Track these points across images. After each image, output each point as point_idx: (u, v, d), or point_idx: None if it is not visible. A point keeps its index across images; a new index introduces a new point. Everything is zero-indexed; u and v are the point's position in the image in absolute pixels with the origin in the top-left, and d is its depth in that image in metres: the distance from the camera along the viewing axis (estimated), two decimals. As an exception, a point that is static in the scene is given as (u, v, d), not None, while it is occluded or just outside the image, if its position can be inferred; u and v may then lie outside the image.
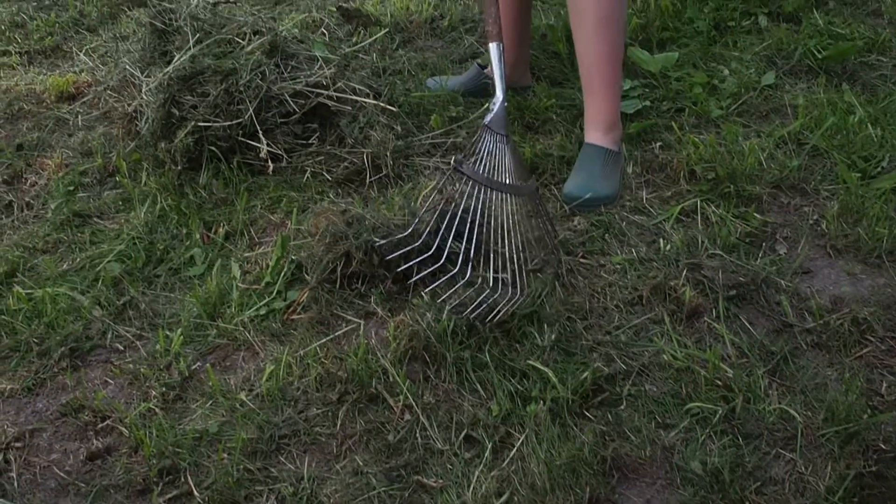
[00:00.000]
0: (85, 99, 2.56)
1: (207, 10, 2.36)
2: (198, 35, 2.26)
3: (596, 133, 2.13)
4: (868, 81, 2.47)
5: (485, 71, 2.52)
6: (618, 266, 1.82)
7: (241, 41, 2.25)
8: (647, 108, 2.37)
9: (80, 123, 2.48)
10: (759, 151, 2.11)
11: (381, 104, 2.25)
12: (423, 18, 2.86)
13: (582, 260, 1.85)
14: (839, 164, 2.08)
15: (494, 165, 1.79)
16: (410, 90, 2.48)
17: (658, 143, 2.21)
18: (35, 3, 3.02)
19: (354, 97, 2.22)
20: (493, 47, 1.96)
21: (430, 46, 2.76)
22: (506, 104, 1.88)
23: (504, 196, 1.76)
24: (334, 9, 2.93)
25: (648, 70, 2.51)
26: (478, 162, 1.77)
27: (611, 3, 2.07)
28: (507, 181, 1.78)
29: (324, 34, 2.73)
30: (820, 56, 2.57)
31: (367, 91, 2.27)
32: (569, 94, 2.41)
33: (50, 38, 2.85)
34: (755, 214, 1.94)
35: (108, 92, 2.45)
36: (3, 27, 2.88)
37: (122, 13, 2.94)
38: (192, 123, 2.13)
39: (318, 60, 2.27)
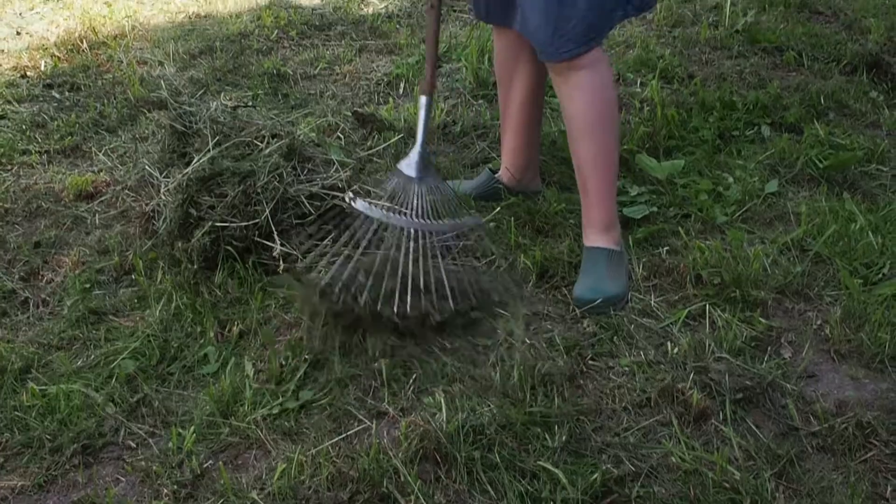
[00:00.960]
0: (103, 198, 2.62)
1: (226, 114, 2.44)
2: (217, 138, 2.32)
3: (595, 235, 2.20)
4: (868, 190, 2.53)
5: (496, 175, 2.58)
6: (626, 368, 1.85)
7: (259, 144, 2.31)
8: (654, 213, 2.42)
9: (97, 222, 2.52)
10: (763, 257, 2.16)
11: (395, 206, 2.29)
12: (435, 124, 2.94)
13: (591, 362, 1.88)
14: (841, 271, 2.12)
15: (399, 204, 1.96)
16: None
17: (665, 248, 2.25)
18: (56, 104, 3.11)
19: (370, 200, 2.27)
20: (422, 99, 2.12)
21: (442, 151, 2.83)
22: (421, 150, 2.06)
23: (405, 230, 1.93)
24: (349, 113, 3.02)
25: (655, 177, 2.57)
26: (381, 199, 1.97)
27: (599, 108, 2.17)
28: (408, 217, 1.94)
29: (339, 138, 2.81)
30: (821, 165, 2.64)
31: (381, 193, 2.32)
32: (578, 200, 2.46)
33: (70, 137, 2.92)
34: (760, 319, 1.97)
35: (126, 192, 2.51)
36: (24, 127, 2.96)
37: (141, 115, 3.02)
38: (210, 224, 2.17)
39: (333, 163, 2.33)
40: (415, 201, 2.00)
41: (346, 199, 1.95)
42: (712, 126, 2.93)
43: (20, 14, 3.70)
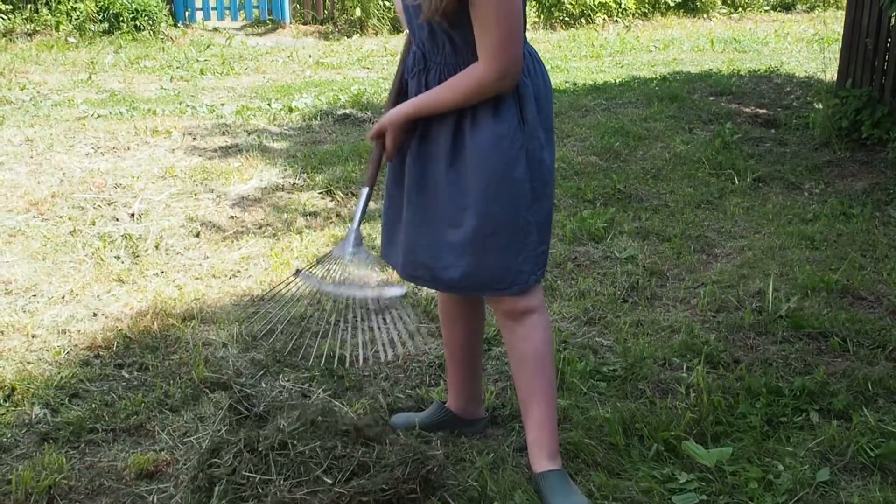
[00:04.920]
0: (163, 479, 2.69)
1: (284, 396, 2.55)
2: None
3: (548, 460, 2.53)
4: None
5: (445, 405, 2.93)
6: None
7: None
8: (703, 502, 2.42)
9: (156, 501, 2.59)
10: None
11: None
12: (485, 406, 3.02)
13: None
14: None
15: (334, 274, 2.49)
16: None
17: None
18: (125, 384, 3.25)
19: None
20: (364, 190, 2.55)
21: (492, 434, 2.89)
22: (356, 229, 2.55)
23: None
24: (402, 395, 3.12)
25: (703, 464, 2.59)
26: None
27: (549, 344, 2.56)
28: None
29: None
30: (873, 454, 2.64)
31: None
32: (625, 487, 2.48)
33: (135, 416, 3.04)
34: None
35: (186, 469, 2.59)
36: (94, 405, 3.09)
37: (204, 395, 3.15)
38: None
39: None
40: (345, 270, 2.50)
41: (293, 272, 2.40)
42: (759, 412, 2.96)
43: (98, 296, 3.94)
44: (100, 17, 10.53)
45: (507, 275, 2.49)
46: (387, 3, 11.68)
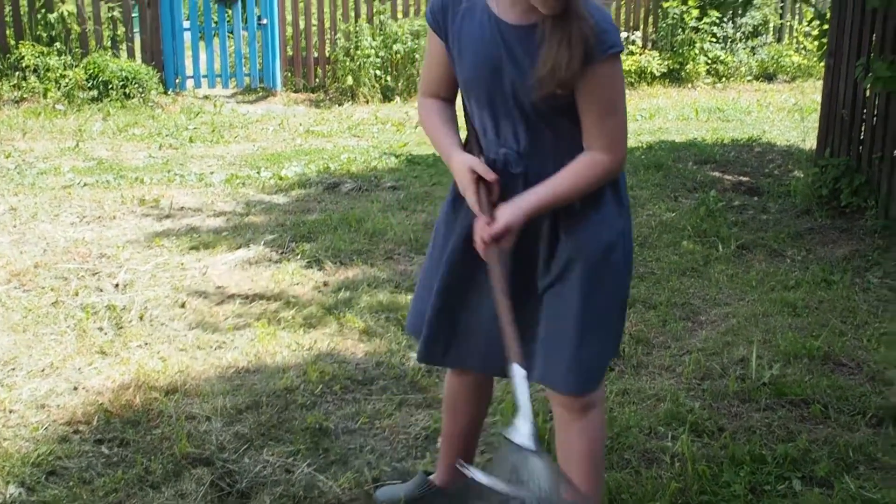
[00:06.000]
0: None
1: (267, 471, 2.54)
2: None
3: None
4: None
5: (429, 478, 2.88)
6: None
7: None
8: (686, 575, 2.42)
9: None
10: None
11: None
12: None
13: None
14: None
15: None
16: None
17: None
18: (104, 460, 3.23)
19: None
20: (515, 368, 2.21)
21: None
22: (532, 421, 2.15)
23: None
24: (388, 468, 3.12)
25: (686, 536, 2.59)
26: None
27: (602, 443, 2.49)
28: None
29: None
30: (856, 523, 2.64)
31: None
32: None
33: (114, 494, 3.01)
34: None
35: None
36: (72, 483, 3.06)
37: (185, 470, 3.13)
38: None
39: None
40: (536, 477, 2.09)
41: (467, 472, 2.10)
42: (743, 480, 2.97)
43: (79, 369, 3.94)
44: (89, 85, 10.63)
45: (603, 367, 2.42)
46: (377, 72, 11.83)
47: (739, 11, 13.37)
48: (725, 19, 13.92)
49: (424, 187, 7.14)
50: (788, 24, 14.87)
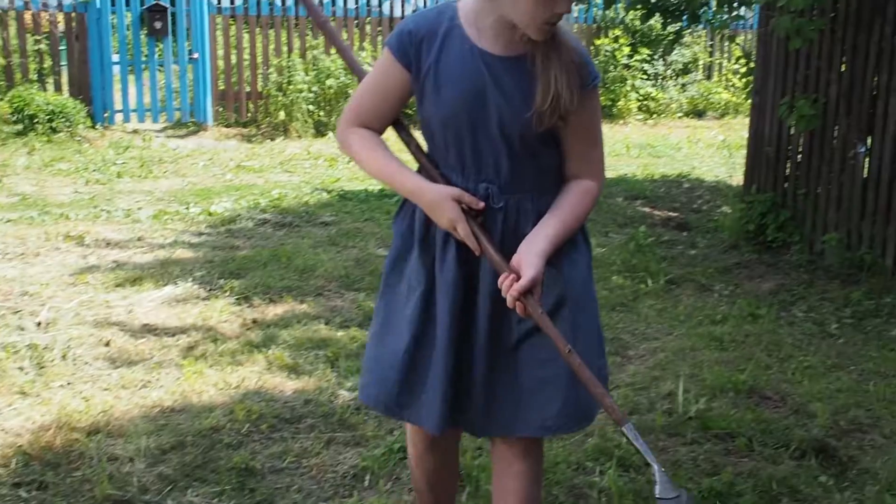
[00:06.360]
0: None
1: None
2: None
3: None
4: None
5: None
6: None
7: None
8: None
9: None
10: None
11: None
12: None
13: None
14: None
15: None
16: None
17: None
18: None
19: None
20: (626, 429, 2.18)
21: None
22: (662, 470, 2.19)
23: None
24: (312, 509, 3.07)
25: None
26: None
27: (540, 484, 2.45)
28: None
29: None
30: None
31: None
32: None
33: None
34: None
35: None
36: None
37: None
38: None
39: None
40: None
41: None
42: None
43: (-1, 410, 3.83)
44: (13, 119, 10.42)
45: (593, 403, 2.32)
46: (310, 107, 11.80)
47: (673, 48, 13.67)
48: (656, 57, 14.22)
49: (356, 223, 7.13)
50: (718, 62, 15.25)
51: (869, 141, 5.82)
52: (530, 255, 2.19)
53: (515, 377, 2.31)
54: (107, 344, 4.58)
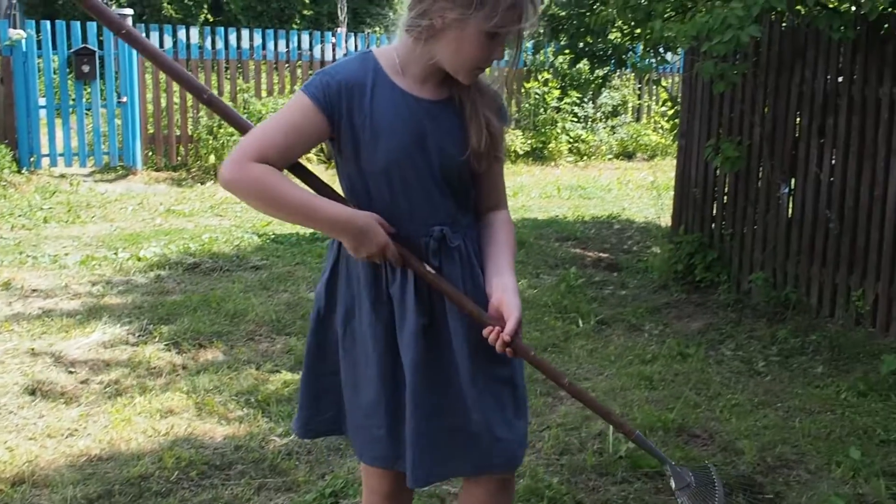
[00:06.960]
0: None
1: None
2: None
3: None
4: None
5: None
6: None
7: None
8: None
9: None
10: None
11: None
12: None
13: None
14: None
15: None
16: None
17: None
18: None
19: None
20: (636, 438, 2.57)
21: None
22: (672, 463, 2.71)
23: None
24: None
25: None
26: None
27: None
28: None
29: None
30: None
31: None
32: None
33: None
34: None
35: None
36: None
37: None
38: None
39: None
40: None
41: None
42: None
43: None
44: (-63, 164, 10.23)
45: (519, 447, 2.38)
46: (240, 151, 11.74)
47: (601, 91, 13.93)
48: (586, 100, 14.48)
49: (287, 266, 7.09)
50: (646, 104, 15.58)
51: (792, 182, 5.99)
52: (508, 295, 2.25)
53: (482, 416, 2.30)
54: (32, 392, 4.48)
